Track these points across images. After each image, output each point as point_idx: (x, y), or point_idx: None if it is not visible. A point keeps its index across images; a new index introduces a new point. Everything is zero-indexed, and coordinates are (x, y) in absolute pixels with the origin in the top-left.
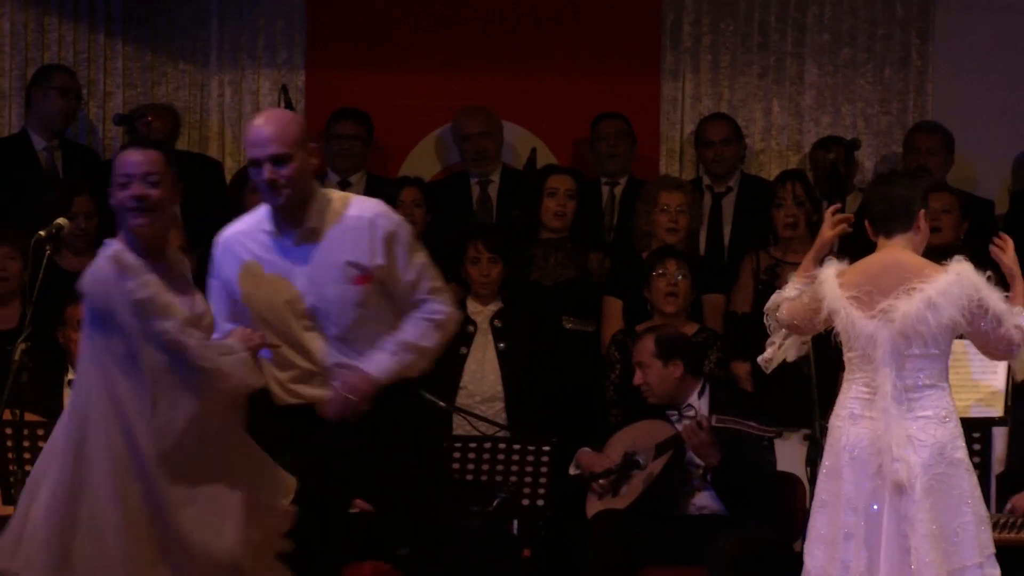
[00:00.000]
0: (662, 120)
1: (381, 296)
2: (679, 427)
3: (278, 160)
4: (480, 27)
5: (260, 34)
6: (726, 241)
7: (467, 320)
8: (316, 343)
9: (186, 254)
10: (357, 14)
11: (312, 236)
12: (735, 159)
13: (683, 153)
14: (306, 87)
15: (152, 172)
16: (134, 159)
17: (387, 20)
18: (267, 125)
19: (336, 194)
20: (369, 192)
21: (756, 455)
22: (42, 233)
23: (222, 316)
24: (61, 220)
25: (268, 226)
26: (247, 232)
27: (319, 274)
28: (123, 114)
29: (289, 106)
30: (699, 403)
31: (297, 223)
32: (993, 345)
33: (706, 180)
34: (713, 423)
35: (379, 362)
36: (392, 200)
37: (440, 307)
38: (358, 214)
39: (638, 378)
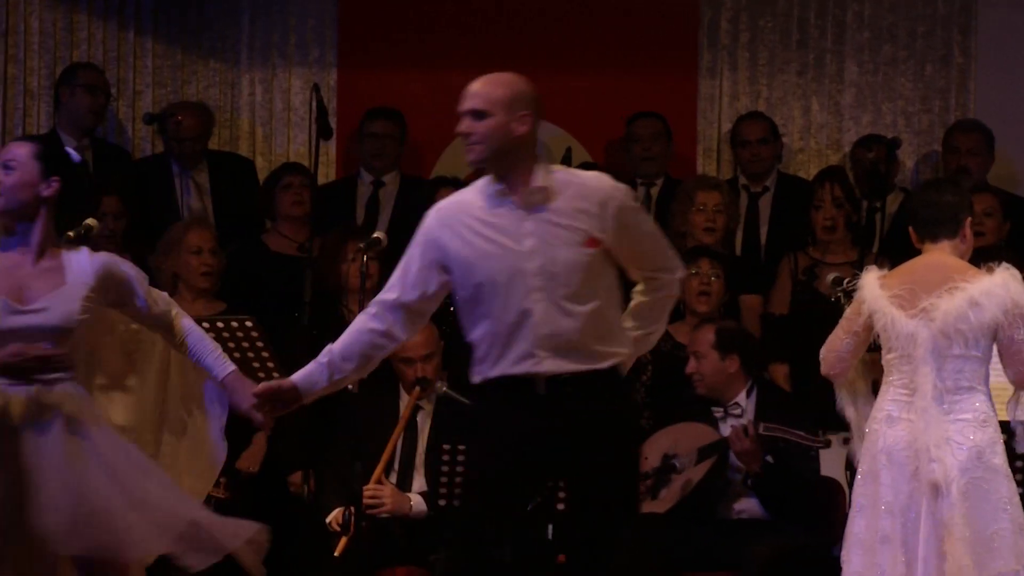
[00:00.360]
0: (699, 119)
1: (606, 264)
2: (723, 425)
3: (476, 114)
4: (514, 24)
5: (292, 32)
6: (763, 241)
7: None
8: (539, 309)
9: (215, 255)
10: (389, 12)
11: (540, 197)
12: (772, 158)
13: (720, 152)
14: (338, 86)
15: (12, 160)
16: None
17: (420, 17)
18: (478, 82)
19: (559, 165)
20: (403, 193)
21: (800, 462)
22: (70, 234)
23: (415, 286)
24: (90, 221)
25: (491, 191)
26: (468, 200)
27: (550, 235)
28: (152, 113)
29: (320, 106)
30: (746, 403)
31: (520, 185)
32: (1019, 360)
33: (742, 180)
34: (760, 431)
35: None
36: (428, 200)
37: (674, 280)
38: (583, 182)
39: (691, 366)
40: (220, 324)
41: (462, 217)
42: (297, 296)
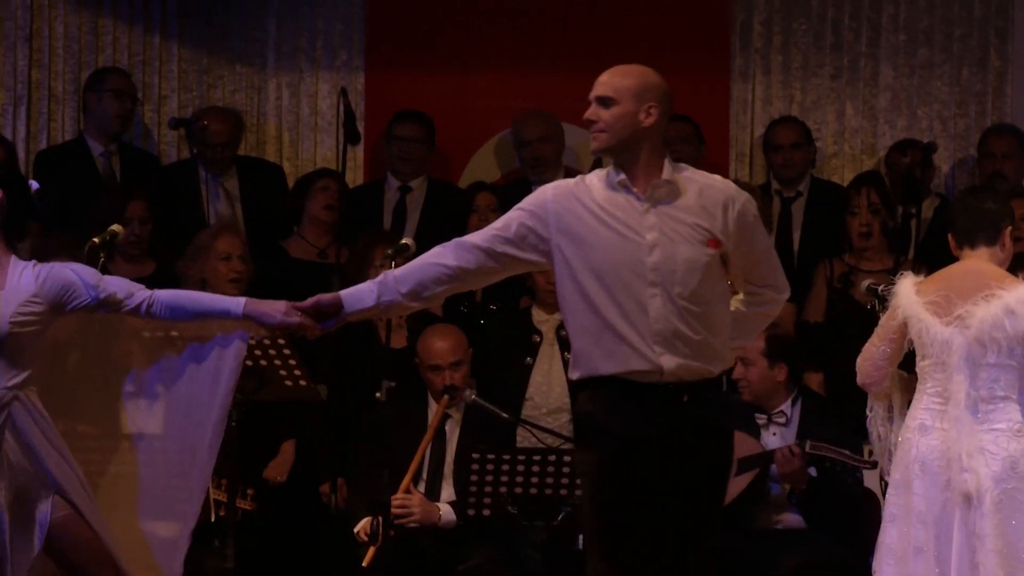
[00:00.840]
0: (732, 123)
1: (721, 268)
2: (764, 432)
3: (602, 101)
4: (544, 27)
5: (318, 36)
6: (795, 247)
7: (532, 329)
8: (656, 304)
9: (244, 261)
10: (417, 14)
11: (665, 192)
12: (805, 163)
13: (753, 157)
14: (365, 90)
15: None
16: None
17: (448, 20)
18: (609, 71)
19: (685, 165)
20: (431, 197)
21: (845, 476)
22: (95, 240)
23: (505, 243)
24: (115, 227)
25: (613, 180)
26: (589, 183)
27: (672, 230)
28: (178, 118)
29: (348, 110)
30: (791, 411)
31: (642, 178)
32: None
33: (775, 185)
34: (807, 449)
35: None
36: (466, 205)
37: (779, 299)
38: (711, 183)
39: (739, 372)
40: None
41: (582, 198)
42: None
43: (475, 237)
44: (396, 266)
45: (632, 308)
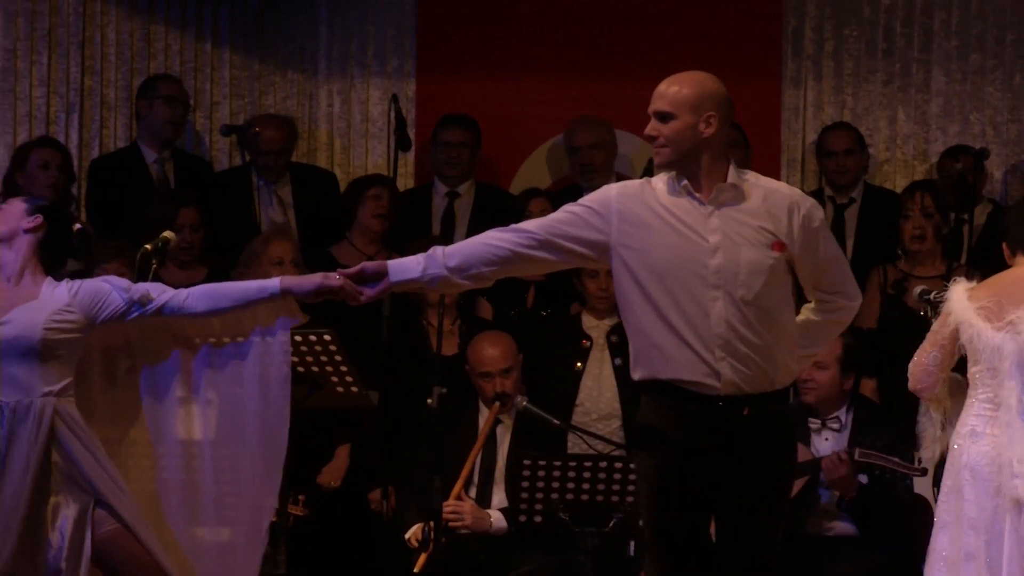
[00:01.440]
0: (783, 129)
1: (786, 274)
2: (816, 437)
3: (661, 116)
4: (595, 33)
5: (370, 42)
6: (849, 254)
7: (583, 335)
8: (717, 307)
9: (297, 267)
10: (468, 21)
11: (730, 196)
12: (858, 169)
13: (804, 163)
14: (416, 96)
15: (5, 204)
16: None
17: (499, 27)
18: (666, 82)
19: (749, 171)
20: (479, 203)
21: (895, 483)
22: (148, 247)
23: (557, 235)
24: (168, 233)
25: (676, 185)
26: (654, 186)
27: (736, 233)
28: (230, 124)
29: (399, 116)
30: (846, 417)
31: (705, 183)
32: None
33: (828, 191)
34: (856, 457)
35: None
36: (520, 211)
37: (850, 307)
38: (776, 188)
39: (809, 373)
40: (298, 337)
41: (647, 199)
42: (375, 310)
43: (531, 224)
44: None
45: (692, 310)
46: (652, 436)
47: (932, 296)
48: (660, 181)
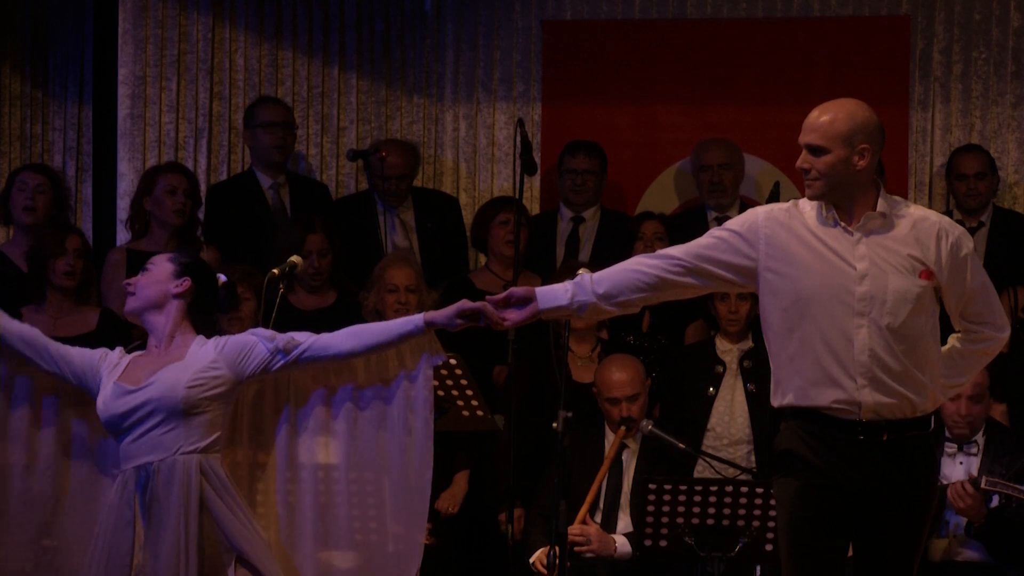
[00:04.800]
0: (911, 152)
1: (933, 302)
2: (950, 462)
3: (813, 150)
4: (720, 56)
5: (495, 67)
6: None
7: (716, 360)
8: (862, 334)
9: (413, 292)
10: (594, 45)
11: (878, 224)
12: (988, 193)
13: (932, 186)
14: (542, 120)
15: (150, 263)
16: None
17: (624, 50)
18: (817, 111)
19: (898, 197)
20: (603, 228)
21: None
22: (275, 271)
23: (702, 259)
24: (295, 258)
25: (825, 215)
26: (802, 210)
27: (884, 260)
28: (356, 149)
29: (525, 141)
30: (982, 441)
31: (855, 210)
32: None
33: (957, 214)
34: (983, 485)
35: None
36: (633, 233)
37: (998, 338)
38: (925, 216)
39: (965, 408)
40: None
41: (794, 223)
42: (503, 335)
43: (677, 250)
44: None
45: (836, 337)
46: (792, 461)
47: None
48: (808, 205)
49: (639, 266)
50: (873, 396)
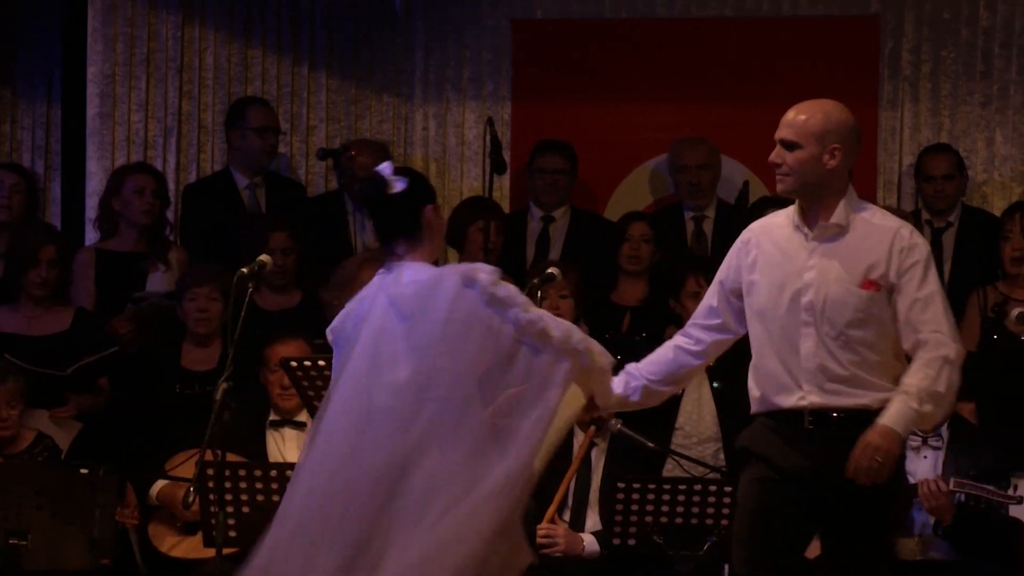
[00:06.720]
0: (879, 151)
1: (883, 311)
2: (914, 456)
3: (786, 144)
4: (690, 56)
5: (465, 66)
6: (947, 277)
7: None
8: (808, 343)
9: None
10: (564, 44)
11: (833, 232)
12: (957, 194)
13: (901, 185)
14: (512, 119)
15: None
16: None
17: (595, 50)
18: (794, 110)
19: (868, 202)
20: (574, 227)
21: (991, 510)
22: (244, 270)
23: (717, 308)
24: (264, 257)
25: (796, 219)
26: (777, 222)
27: (829, 270)
28: (326, 148)
29: (495, 140)
30: (946, 434)
31: (819, 217)
32: None
33: (925, 214)
34: (951, 487)
35: (897, 414)
36: (620, 234)
37: (949, 343)
38: (884, 223)
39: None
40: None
41: (763, 238)
42: None
43: (698, 319)
44: (541, 294)
45: (785, 346)
46: (747, 458)
47: None
48: (785, 213)
49: (675, 342)
50: (823, 399)
